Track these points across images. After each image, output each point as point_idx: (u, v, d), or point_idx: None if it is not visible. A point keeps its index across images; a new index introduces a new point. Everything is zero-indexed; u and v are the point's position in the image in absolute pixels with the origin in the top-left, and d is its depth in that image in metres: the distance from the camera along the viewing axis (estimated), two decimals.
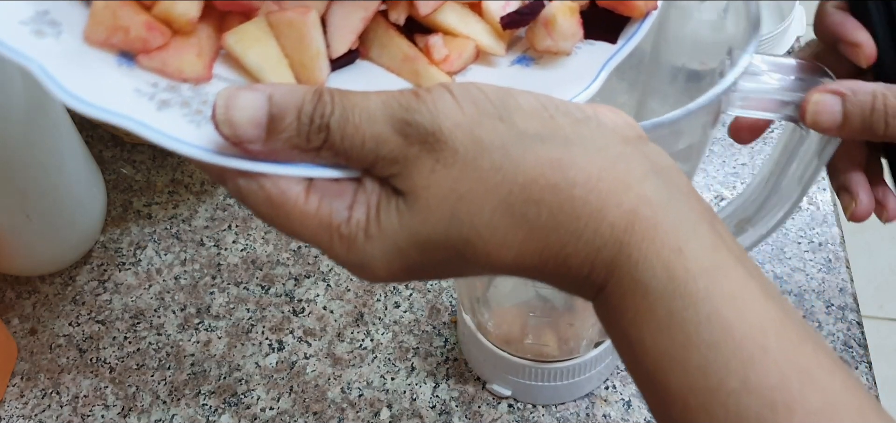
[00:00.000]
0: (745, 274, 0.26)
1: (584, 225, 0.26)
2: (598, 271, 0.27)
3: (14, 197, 0.58)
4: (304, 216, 0.27)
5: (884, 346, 1.48)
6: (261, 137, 0.26)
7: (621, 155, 0.27)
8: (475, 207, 0.26)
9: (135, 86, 0.28)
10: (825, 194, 0.71)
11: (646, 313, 0.26)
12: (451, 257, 0.27)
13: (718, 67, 0.43)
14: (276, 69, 0.30)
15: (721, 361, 0.25)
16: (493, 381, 0.59)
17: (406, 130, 0.26)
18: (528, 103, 0.27)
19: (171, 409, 0.59)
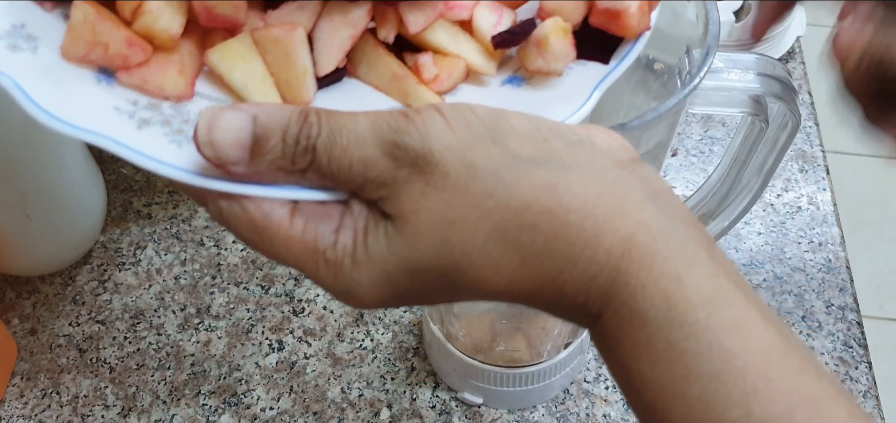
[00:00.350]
0: (745, 302, 0.25)
1: (579, 252, 0.25)
2: (594, 299, 0.26)
3: (14, 197, 0.58)
4: (288, 240, 0.27)
5: (884, 346, 1.48)
6: (244, 159, 0.26)
7: (618, 180, 0.26)
8: (467, 233, 0.25)
9: (114, 104, 0.27)
10: (825, 194, 0.71)
11: (645, 343, 0.25)
12: (441, 283, 0.27)
13: (676, 64, 0.43)
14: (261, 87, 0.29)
15: (723, 392, 0.24)
16: (464, 390, 0.58)
17: (395, 152, 0.25)
18: (521, 126, 0.27)
19: (171, 409, 0.59)
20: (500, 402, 0.58)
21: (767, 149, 0.45)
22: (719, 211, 0.49)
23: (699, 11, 0.41)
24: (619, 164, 0.27)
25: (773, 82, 0.41)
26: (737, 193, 0.48)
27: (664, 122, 0.38)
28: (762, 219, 0.70)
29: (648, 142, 0.40)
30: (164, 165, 0.26)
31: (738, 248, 0.68)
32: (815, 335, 0.62)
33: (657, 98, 0.46)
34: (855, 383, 0.60)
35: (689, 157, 0.75)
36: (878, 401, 0.59)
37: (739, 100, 0.42)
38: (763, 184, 0.46)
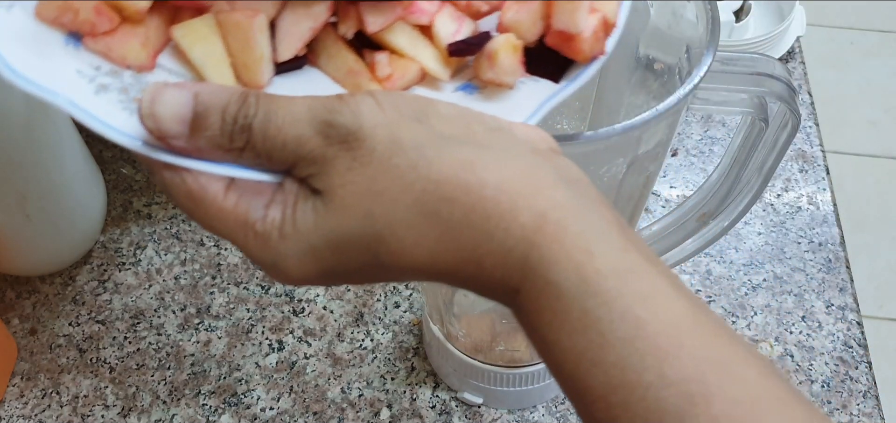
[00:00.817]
0: (655, 274, 0.27)
1: (494, 225, 0.26)
2: (511, 272, 0.27)
3: (14, 197, 0.58)
4: (221, 212, 0.28)
5: (884, 346, 1.48)
6: (184, 134, 0.27)
7: (532, 163, 0.28)
8: (390, 204, 0.27)
9: (77, 67, 0.29)
10: (825, 194, 0.71)
11: (561, 314, 0.26)
12: (365, 259, 0.28)
13: (676, 64, 0.43)
14: (217, 68, 0.30)
15: (637, 357, 0.25)
16: (464, 390, 0.58)
17: (328, 130, 0.27)
18: (446, 110, 0.28)
19: (171, 409, 0.59)
20: (499, 402, 0.58)
21: (767, 149, 0.45)
22: (719, 211, 0.49)
23: (699, 11, 0.41)
24: (536, 151, 0.29)
25: (773, 82, 0.41)
26: (737, 192, 0.48)
27: (664, 121, 0.38)
28: (762, 219, 0.70)
29: (649, 142, 0.40)
30: (113, 130, 0.28)
31: (738, 248, 0.68)
32: (815, 335, 0.62)
33: (657, 98, 0.46)
34: (855, 383, 0.60)
35: (689, 157, 0.75)
36: (878, 401, 0.59)
37: (739, 100, 0.42)
38: (763, 184, 0.47)
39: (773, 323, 0.63)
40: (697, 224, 0.50)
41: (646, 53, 0.47)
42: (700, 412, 0.25)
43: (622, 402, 0.26)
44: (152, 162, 0.28)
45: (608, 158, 0.40)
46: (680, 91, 0.37)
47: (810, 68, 0.83)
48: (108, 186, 0.71)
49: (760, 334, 0.63)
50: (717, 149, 0.75)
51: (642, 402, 0.25)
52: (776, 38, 0.79)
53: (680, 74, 0.43)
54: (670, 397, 0.25)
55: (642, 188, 0.45)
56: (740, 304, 0.64)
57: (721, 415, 0.25)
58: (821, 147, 0.75)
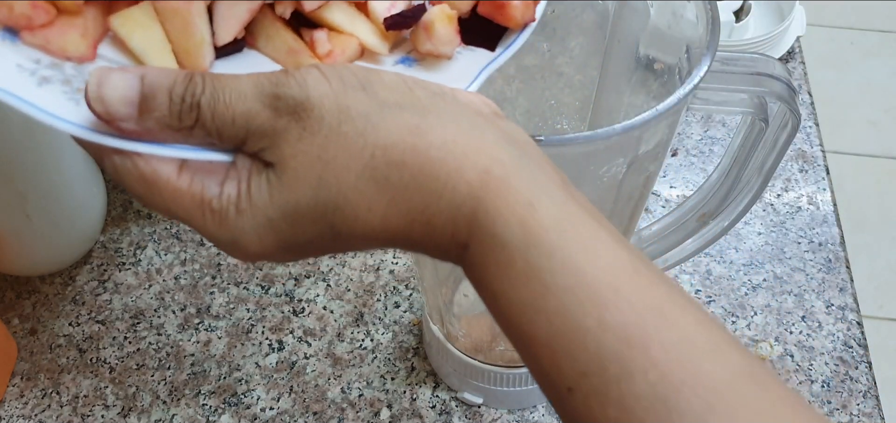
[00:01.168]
0: (595, 226, 0.28)
1: (442, 185, 0.27)
2: (460, 229, 0.28)
3: (14, 197, 0.58)
4: (176, 193, 0.28)
5: (884, 346, 1.48)
6: (133, 116, 0.27)
7: (475, 124, 0.29)
8: (341, 171, 0.27)
9: (17, 61, 0.29)
10: (825, 194, 0.71)
11: (505, 265, 0.27)
12: (320, 228, 0.28)
13: (677, 64, 0.43)
14: (159, 54, 0.30)
15: (577, 303, 0.26)
16: (464, 390, 0.58)
17: (276, 103, 0.28)
18: (389, 78, 0.29)
19: (171, 409, 0.59)
20: (499, 402, 0.58)
21: (767, 149, 0.45)
22: (719, 211, 0.49)
23: (699, 12, 0.41)
24: (478, 113, 0.30)
25: (773, 82, 0.41)
26: (737, 192, 0.48)
27: (664, 121, 0.38)
28: (762, 219, 0.70)
29: (649, 141, 0.40)
30: (61, 121, 0.27)
31: (738, 248, 0.68)
32: (815, 335, 0.62)
33: (657, 98, 0.46)
34: (855, 383, 0.60)
35: (689, 157, 0.75)
36: (878, 401, 0.59)
37: (739, 99, 0.42)
38: (763, 183, 0.47)
39: (773, 323, 0.63)
40: (697, 224, 0.50)
41: (646, 54, 0.47)
42: (638, 355, 0.26)
43: (564, 348, 0.27)
44: (102, 149, 0.28)
45: (608, 158, 0.40)
46: (680, 91, 0.37)
47: (810, 68, 0.83)
48: (108, 186, 0.71)
49: (760, 334, 0.63)
50: (717, 149, 0.75)
51: (583, 346, 0.26)
52: (776, 38, 0.79)
53: (680, 73, 0.43)
54: (609, 341, 0.26)
55: (642, 188, 0.45)
56: (740, 304, 0.64)
57: (659, 358, 0.26)
58: (821, 147, 0.75)
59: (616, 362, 0.26)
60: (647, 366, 0.26)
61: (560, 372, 0.27)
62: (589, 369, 0.26)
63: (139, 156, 0.28)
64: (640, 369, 0.26)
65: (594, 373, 0.26)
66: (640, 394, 0.26)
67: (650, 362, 0.26)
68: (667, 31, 0.44)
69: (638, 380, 0.26)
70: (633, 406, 0.26)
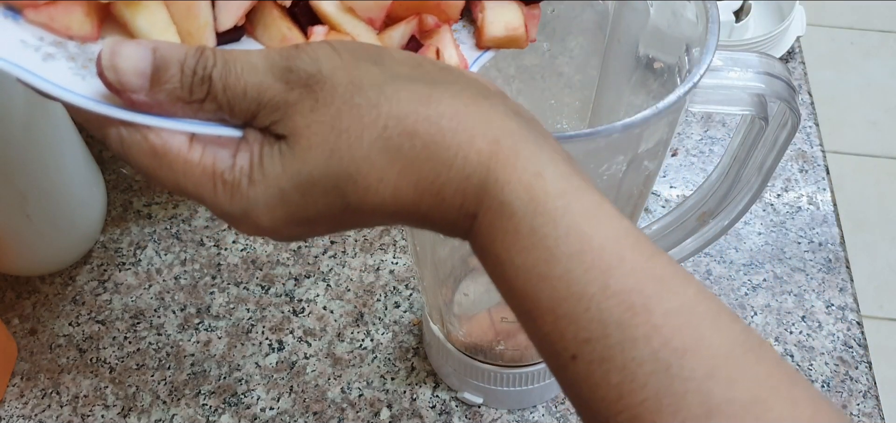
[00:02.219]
0: (599, 197, 0.28)
1: (453, 154, 0.28)
2: (469, 199, 0.28)
3: (14, 197, 0.58)
4: (187, 165, 0.28)
5: (884, 346, 1.48)
6: (144, 87, 0.27)
7: (483, 95, 0.29)
8: (354, 141, 0.28)
9: (20, 37, 0.28)
10: (825, 194, 0.71)
11: (512, 232, 0.28)
12: (332, 200, 0.28)
13: (676, 63, 0.43)
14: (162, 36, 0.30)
15: (581, 269, 0.27)
16: (464, 390, 0.58)
17: (288, 76, 0.28)
18: (399, 54, 0.30)
19: (171, 409, 0.59)
20: (500, 402, 0.58)
21: (767, 147, 0.45)
22: (719, 210, 0.49)
23: (699, 11, 0.41)
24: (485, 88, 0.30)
25: (773, 81, 0.41)
26: (737, 191, 0.48)
27: (664, 120, 0.38)
28: (762, 219, 0.70)
29: (649, 140, 0.40)
30: (68, 93, 0.27)
31: (738, 248, 0.68)
32: (815, 335, 0.62)
33: (657, 98, 0.46)
34: (855, 383, 0.60)
35: (689, 157, 0.75)
36: (878, 401, 0.59)
37: (739, 98, 0.42)
38: (763, 182, 0.47)
39: (773, 323, 0.63)
40: (697, 223, 0.50)
41: (645, 53, 0.47)
42: (640, 321, 0.26)
43: (568, 313, 0.27)
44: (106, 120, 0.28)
45: (609, 157, 0.40)
46: (680, 89, 0.37)
47: (810, 68, 0.83)
48: (108, 186, 0.71)
49: (760, 333, 0.63)
50: (717, 149, 0.75)
51: (586, 312, 0.27)
52: (776, 38, 0.79)
53: (680, 73, 0.43)
54: (613, 307, 0.26)
55: (642, 187, 0.45)
56: (740, 304, 0.64)
57: (661, 324, 0.26)
58: (821, 147, 0.75)
59: (619, 328, 0.26)
60: (649, 332, 0.26)
61: (563, 339, 0.27)
62: (592, 334, 0.27)
63: (148, 128, 0.28)
64: (643, 335, 0.26)
65: (597, 339, 0.27)
66: (642, 360, 0.26)
67: (653, 328, 0.26)
68: (667, 31, 0.44)
69: (641, 346, 0.26)
70: (636, 372, 0.26)
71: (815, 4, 1.96)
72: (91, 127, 0.29)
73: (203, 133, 0.28)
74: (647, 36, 0.46)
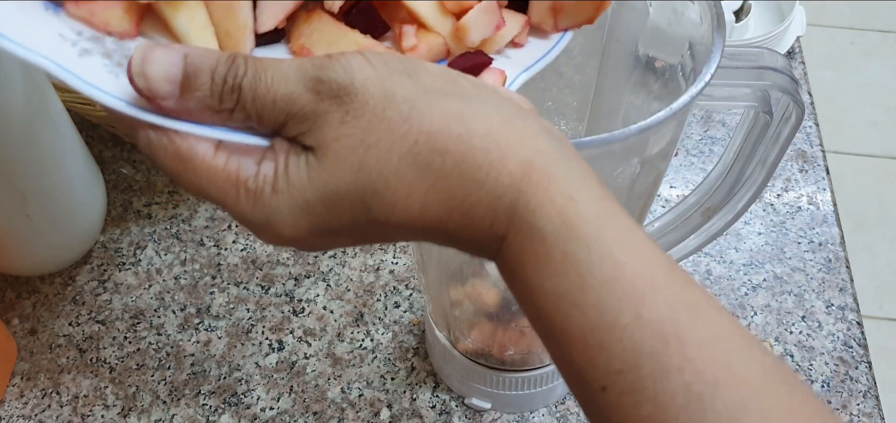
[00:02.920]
0: (631, 222, 0.28)
1: (485, 174, 0.27)
2: (499, 219, 0.28)
3: (14, 197, 0.58)
4: (211, 171, 0.28)
5: (884, 346, 1.48)
6: (174, 94, 0.27)
7: (516, 115, 0.29)
8: (383, 156, 0.27)
9: (59, 31, 0.28)
10: (825, 194, 0.71)
11: (543, 257, 0.27)
12: (358, 213, 0.28)
13: (679, 63, 0.43)
14: (201, 35, 0.30)
15: (614, 298, 0.26)
16: (469, 394, 0.58)
17: (318, 86, 0.27)
18: (433, 68, 0.29)
19: (171, 409, 0.59)
20: (506, 406, 0.58)
21: (771, 142, 0.45)
22: (723, 205, 0.49)
23: (703, 11, 0.41)
24: (518, 107, 0.30)
25: (775, 75, 0.41)
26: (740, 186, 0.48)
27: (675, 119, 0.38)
28: (762, 219, 0.70)
29: (661, 140, 0.40)
30: (101, 92, 0.27)
31: (738, 248, 0.68)
32: (815, 335, 0.62)
33: (658, 97, 0.46)
34: (855, 383, 0.60)
35: (689, 156, 0.75)
36: (878, 401, 0.59)
37: (743, 94, 0.42)
38: (766, 177, 0.47)
39: (773, 323, 0.63)
40: (701, 219, 0.50)
41: (645, 53, 0.47)
42: (674, 352, 0.26)
43: (599, 342, 0.26)
44: (137, 122, 0.28)
45: (623, 159, 0.40)
46: (692, 89, 0.37)
47: (810, 68, 0.83)
48: (108, 186, 0.71)
49: (760, 334, 0.63)
50: (717, 149, 0.75)
51: (619, 342, 0.26)
52: (776, 38, 0.79)
53: (683, 71, 0.43)
54: (646, 337, 0.26)
55: (651, 186, 0.45)
56: (740, 304, 0.64)
57: (693, 355, 0.26)
58: (821, 147, 0.75)
59: (651, 358, 0.26)
60: (682, 363, 0.26)
61: (594, 369, 0.27)
62: (624, 365, 0.26)
63: (176, 132, 0.28)
64: (675, 366, 0.26)
65: (629, 370, 0.26)
66: (674, 392, 0.26)
67: (685, 359, 0.26)
68: (667, 30, 0.44)
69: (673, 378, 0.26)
70: (668, 404, 0.26)
71: (815, 4, 1.96)
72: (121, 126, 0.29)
73: (231, 141, 0.28)
74: (647, 35, 0.46)
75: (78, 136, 0.64)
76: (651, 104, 0.47)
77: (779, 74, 0.41)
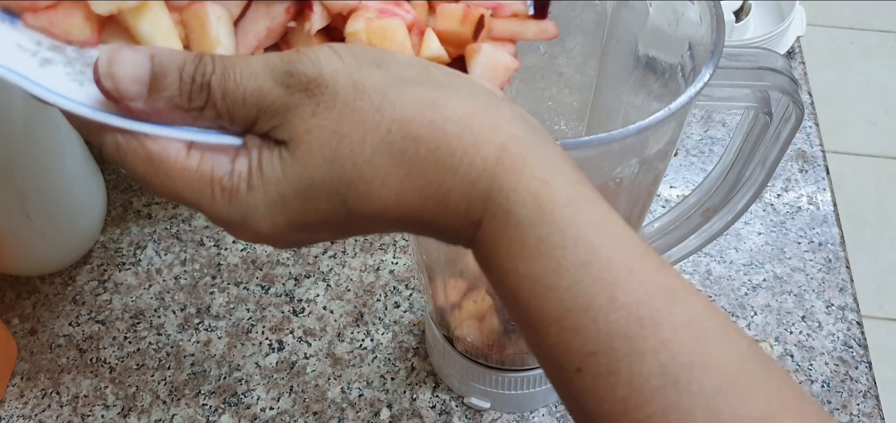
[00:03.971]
0: (606, 208, 0.28)
1: (458, 160, 0.27)
2: (474, 205, 0.28)
3: (14, 197, 0.58)
4: (184, 172, 0.28)
5: (884, 346, 1.48)
6: (143, 95, 0.27)
7: (490, 102, 0.29)
8: (356, 146, 0.27)
9: (17, 41, 0.28)
10: (825, 194, 0.71)
11: (518, 242, 0.27)
12: (333, 206, 0.28)
13: (679, 63, 0.44)
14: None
15: (589, 281, 0.26)
16: (470, 395, 0.58)
17: (288, 80, 0.27)
18: (403, 57, 0.29)
19: (171, 409, 0.59)
20: (506, 405, 0.58)
21: (770, 142, 0.45)
22: (722, 205, 0.49)
23: (703, 11, 0.41)
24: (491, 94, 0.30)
25: (775, 76, 0.41)
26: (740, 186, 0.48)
27: (674, 120, 0.38)
28: (762, 219, 0.70)
29: (660, 141, 0.40)
30: (65, 99, 0.27)
31: (738, 248, 0.68)
32: (815, 335, 0.62)
33: (658, 97, 0.46)
34: (855, 383, 0.60)
35: (689, 157, 0.75)
36: (878, 401, 0.59)
37: (743, 94, 0.42)
38: (766, 178, 0.47)
39: (773, 323, 0.63)
40: (701, 220, 0.50)
41: (645, 53, 0.47)
42: (648, 334, 0.26)
43: (574, 325, 0.27)
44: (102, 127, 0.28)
45: (622, 159, 0.40)
46: (691, 90, 0.37)
47: (810, 68, 0.83)
48: (108, 186, 0.71)
49: (760, 334, 0.63)
50: (717, 149, 0.75)
51: (594, 324, 0.26)
52: (776, 38, 0.79)
53: (683, 72, 0.43)
54: (620, 319, 0.26)
55: (650, 187, 0.45)
56: (740, 304, 0.64)
57: (669, 338, 0.26)
58: (821, 147, 0.75)
59: (626, 341, 0.26)
60: (657, 346, 0.26)
61: (569, 351, 0.27)
62: (599, 347, 0.26)
63: (146, 135, 0.27)
64: (650, 349, 0.26)
65: (604, 352, 0.26)
66: (649, 374, 0.26)
67: (661, 341, 0.26)
68: (667, 30, 0.44)
69: (648, 360, 0.26)
70: (643, 386, 0.26)
71: (815, 4, 1.96)
72: (87, 133, 0.29)
73: (202, 141, 0.28)
74: (647, 35, 0.46)
75: (78, 136, 0.64)
76: (651, 104, 0.47)
77: (778, 74, 0.41)
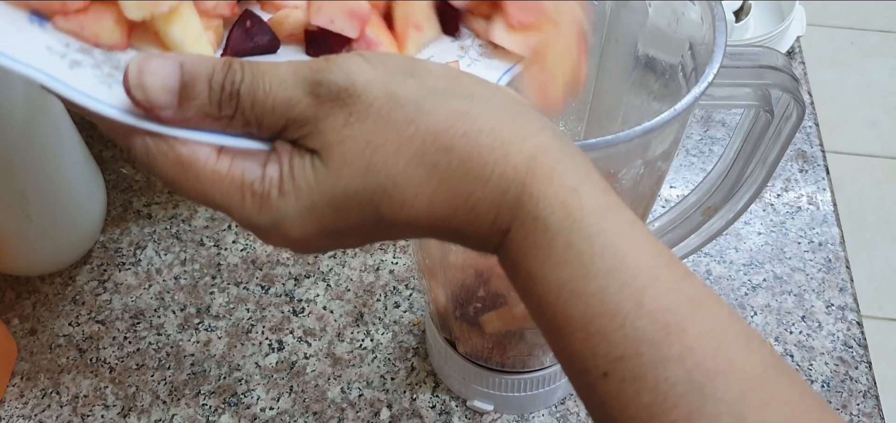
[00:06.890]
0: (632, 216, 0.28)
1: (490, 171, 0.28)
2: (503, 213, 0.28)
3: (14, 197, 0.58)
4: (215, 175, 0.28)
5: (884, 346, 1.47)
6: (173, 104, 0.27)
7: (519, 111, 0.29)
8: (391, 157, 0.27)
9: (46, 43, 0.28)
10: (825, 194, 0.71)
11: (546, 248, 0.28)
12: (365, 215, 0.28)
13: (679, 63, 0.44)
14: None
15: (616, 287, 0.27)
16: (470, 396, 0.58)
17: (317, 89, 0.27)
18: (433, 66, 0.30)
19: (171, 409, 0.59)
20: (505, 407, 0.58)
21: (771, 141, 0.45)
22: (723, 204, 0.49)
23: (704, 12, 0.41)
24: (519, 103, 0.30)
25: (776, 74, 0.41)
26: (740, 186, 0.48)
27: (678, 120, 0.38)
28: (762, 219, 0.70)
29: (664, 141, 0.40)
30: (97, 102, 0.27)
31: (738, 248, 0.68)
32: (815, 335, 0.62)
33: (658, 97, 0.46)
34: (855, 383, 0.60)
35: (689, 157, 0.75)
36: (878, 401, 0.59)
37: (744, 93, 0.42)
38: (767, 176, 0.47)
39: (773, 323, 0.63)
40: (702, 219, 0.50)
41: (644, 53, 0.47)
42: (674, 341, 0.26)
43: (600, 330, 0.27)
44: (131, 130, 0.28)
45: (627, 160, 0.40)
46: (695, 90, 0.37)
47: (810, 68, 0.83)
48: (108, 186, 0.71)
49: (760, 334, 0.63)
50: (717, 149, 0.75)
51: (621, 330, 0.27)
52: (776, 38, 0.79)
53: (684, 72, 0.43)
54: (646, 325, 0.26)
55: (654, 187, 0.45)
56: (740, 304, 0.64)
57: (694, 345, 0.26)
58: (821, 147, 0.75)
59: (652, 346, 0.26)
60: (683, 353, 0.26)
61: (595, 356, 0.27)
62: (625, 352, 0.27)
63: (176, 138, 0.28)
64: (676, 355, 0.26)
65: (630, 357, 0.26)
66: (675, 380, 0.26)
67: (686, 348, 0.26)
68: (667, 30, 0.44)
69: (674, 366, 0.26)
70: (668, 392, 0.26)
71: (815, 4, 1.96)
72: (115, 136, 0.29)
73: (231, 146, 0.28)
74: (647, 35, 0.46)
75: (78, 136, 0.64)
76: (651, 104, 0.47)
77: (779, 72, 0.41)
